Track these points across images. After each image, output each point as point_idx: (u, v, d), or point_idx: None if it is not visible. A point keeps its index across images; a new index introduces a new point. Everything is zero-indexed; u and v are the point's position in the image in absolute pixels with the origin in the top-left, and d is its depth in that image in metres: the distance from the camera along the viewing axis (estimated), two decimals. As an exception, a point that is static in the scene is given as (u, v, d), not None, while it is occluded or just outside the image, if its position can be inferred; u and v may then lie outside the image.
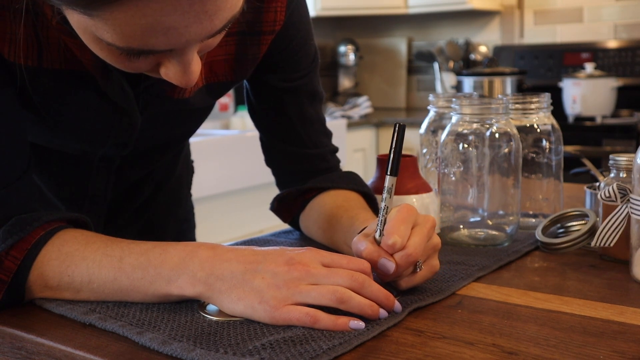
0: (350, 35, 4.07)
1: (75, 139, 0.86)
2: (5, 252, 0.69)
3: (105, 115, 0.82)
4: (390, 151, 0.70)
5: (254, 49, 0.87)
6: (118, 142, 0.87)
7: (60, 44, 0.74)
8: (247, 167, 2.55)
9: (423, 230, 0.70)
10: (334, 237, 0.88)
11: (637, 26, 3.28)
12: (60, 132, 0.84)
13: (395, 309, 0.66)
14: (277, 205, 1.00)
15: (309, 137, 0.97)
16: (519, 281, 0.78)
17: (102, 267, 0.69)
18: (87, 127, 0.84)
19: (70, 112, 0.81)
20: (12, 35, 0.71)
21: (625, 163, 0.86)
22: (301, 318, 0.62)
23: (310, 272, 0.65)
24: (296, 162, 0.98)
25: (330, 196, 0.94)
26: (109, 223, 1.00)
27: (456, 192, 0.94)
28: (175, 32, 0.57)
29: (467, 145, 0.92)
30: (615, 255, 0.84)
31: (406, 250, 0.68)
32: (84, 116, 0.82)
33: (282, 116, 0.95)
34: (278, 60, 0.90)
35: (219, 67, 0.86)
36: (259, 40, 0.86)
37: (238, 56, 0.86)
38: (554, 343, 0.59)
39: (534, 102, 1.01)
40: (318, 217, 0.93)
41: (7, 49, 0.72)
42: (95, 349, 0.60)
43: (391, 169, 0.70)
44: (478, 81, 3.15)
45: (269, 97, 0.94)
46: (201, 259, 0.67)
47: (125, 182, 0.99)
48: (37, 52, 0.74)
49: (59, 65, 0.76)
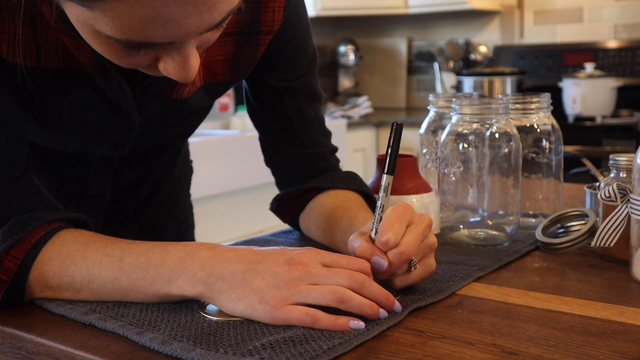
0: (350, 35, 4.07)
1: (74, 138, 0.86)
2: (5, 252, 0.69)
3: (103, 114, 0.82)
4: (388, 150, 0.70)
5: (252, 48, 0.87)
6: (117, 142, 0.87)
7: (58, 43, 0.74)
8: (247, 167, 2.55)
9: (418, 229, 0.70)
10: (333, 237, 0.88)
11: (637, 26, 3.28)
12: (59, 131, 0.84)
13: (395, 309, 0.66)
14: (277, 205, 1.00)
15: (309, 137, 0.97)
16: (519, 281, 0.78)
17: (102, 267, 0.69)
18: (86, 126, 0.84)
19: (69, 111, 0.81)
20: (10, 34, 0.71)
21: (625, 163, 0.86)
22: (301, 318, 0.62)
23: (310, 272, 0.65)
24: (296, 162, 0.98)
25: (330, 196, 0.94)
26: (108, 223, 1.00)
27: (456, 192, 0.94)
28: (174, 24, 0.57)
29: (467, 145, 0.92)
30: (615, 255, 0.84)
31: (399, 247, 0.68)
32: (82, 116, 0.82)
33: (281, 116, 0.95)
34: (276, 60, 0.90)
35: (217, 67, 0.86)
36: (257, 40, 0.86)
37: (236, 56, 0.86)
38: (554, 343, 0.59)
39: (534, 102, 1.01)
40: (317, 217, 0.93)
41: (5, 48, 0.72)
42: (95, 349, 0.60)
43: (388, 168, 0.70)
44: (478, 81, 3.15)
45: (267, 97, 0.94)
46: (201, 259, 0.67)
47: (124, 182, 0.99)
48: (36, 52, 0.74)
49: (58, 65, 0.75)
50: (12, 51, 0.72)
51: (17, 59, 0.73)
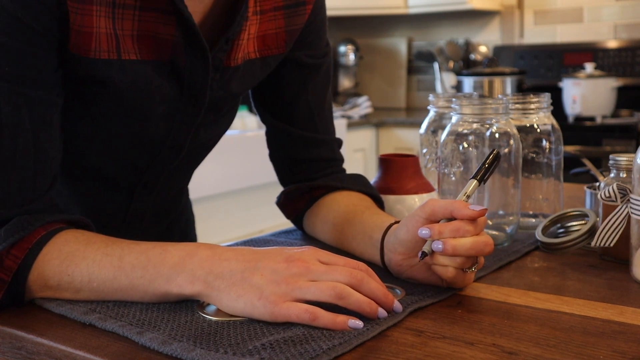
0: (350, 35, 4.07)
1: (140, 136, 0.86)
2: (6, 251, 0.69)
3: (174, 102, 0.84)
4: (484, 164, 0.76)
5: (299, 19, 0.92)
6: (174, 145, 0.88)
7: (133, 36, 0.77)
8: (247, 167, 2.55)
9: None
10: (345, 236, 0.89)
11: (637, 26, 3.28)
12: (126, 129, 0.84)
13: (395, 309, 0.66)
14: (284, 199, 1.00)
15: (320, 119, 0.99)
16: (519, 281, 0.78)
17: (102, 267, 0.69)
18: (157, 115, 0.84)
19: (142, 102, 0.81)
20: (96, 28, 0.74)
21: (625, 163, 0.86)
22: (300, 315, 0.62)
23: (310, 269, 0.65)
24: (305, 149, 0.99)
25: (344, 196, 0.95)
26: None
27: (456, 192, 0.94)
28: None
29: (467, 145, 0.92)
30: (615, 255, 0.84)
31: (486, 239, 0.70)
32: (154, 106, 0.83)
33: (300, 96, 0.97)
34: (307, 34, 0.95)
35: (271, 41, 0.90)
36: (304, 10, 0.92)
37: (288, 28, 0.91)
38: (554, 343, 0.59)
39: (534, 102, 1.01)
40: (329, 216, 0.93)
41: (93, 45, 0.74)
42: (95, 349, 0.60)
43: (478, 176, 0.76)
44: (478, 81, 3.15)
45: (291, 75, 0.97)
46: (201, 258, 0.67)
47: (160, 204, 1.00)
48: (116, 45, 0.76)
49: (135, 56, 0.78)
50: (99, 47, 0.74)
51: (103, 55, 0.75)
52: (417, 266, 0.74)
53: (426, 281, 0.74)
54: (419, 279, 0.75)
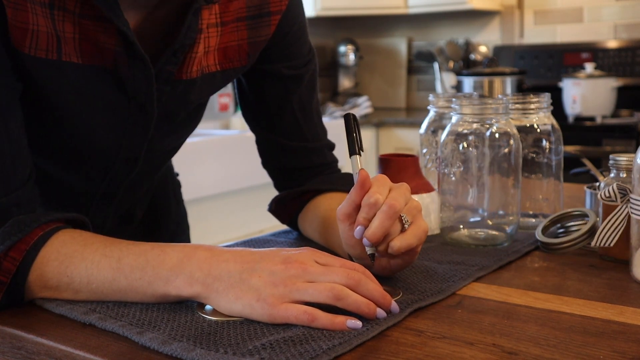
0: (350, 35, 4.07)
1: (89, 146, 0.85)
2: (4, 253, 0.69)
3: (121, 112, 0.82)
4: (354, 136, 0.76)
5: (264, 30, 0.89)
6: (129, 157, 0.87)
7: (75, 38, 0.75)
8: (247, 167, 2.55)
9: (400, 190, 0.72)
10: (328, 240, 0.88)
11: (637, 26, 3.28)
12: (74, 138, 0.83)
13: (392, 310, 0.66)
14: (275, 206, 1.01)
15: (309, 129, 0.98)
16: (519, 281, 0.78)
17: (100, 268, 0.69)
18: (103, 125, 0.83)
19: (85, 109, 0.81)
20: (33, 25, 0.72)
21: (625, 163, 0.86)
22: (299, 316, 0.62)
23: (307, 270, 0.65)
24: (295, 159, 0.98)
25: (326, 199, 0.94)
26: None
27: (456, 192, 0.94)
28: None
29: (467, 145, 0.92)
30: (615, 255, 0.84)
31: (387, 201, 0.69)
32: (99, 114, 0.82)
33: (284, 107, 0.96)
34: (284, 45, 0.92)
35: (233, 53, 0.88)
36: (268, 21, 0.89)
37: (251, 40, 0.88)
38: (554, 343, 0.59)
39: (534, 102, 1.01)
40: (313, 220, 0.93)
41: (28, 42, 0.72)
42: (95, 349, 0.60)
43: (350, 150, 0.76)
44: (478, 81, 3.15)
45: (272, 88, 0.95)
46: (199, 260, 0.67)
47: (122, 209, 0.99)
48: (57, 45, 0.74)
49: (77, 60, 0.76)
50: (35, 45, 0.73)
51: (40, 53, 0.73)
52: (377, 264, 0.74)
53: (395, 269, 0.75)
54: (388, 271, 0.75)
